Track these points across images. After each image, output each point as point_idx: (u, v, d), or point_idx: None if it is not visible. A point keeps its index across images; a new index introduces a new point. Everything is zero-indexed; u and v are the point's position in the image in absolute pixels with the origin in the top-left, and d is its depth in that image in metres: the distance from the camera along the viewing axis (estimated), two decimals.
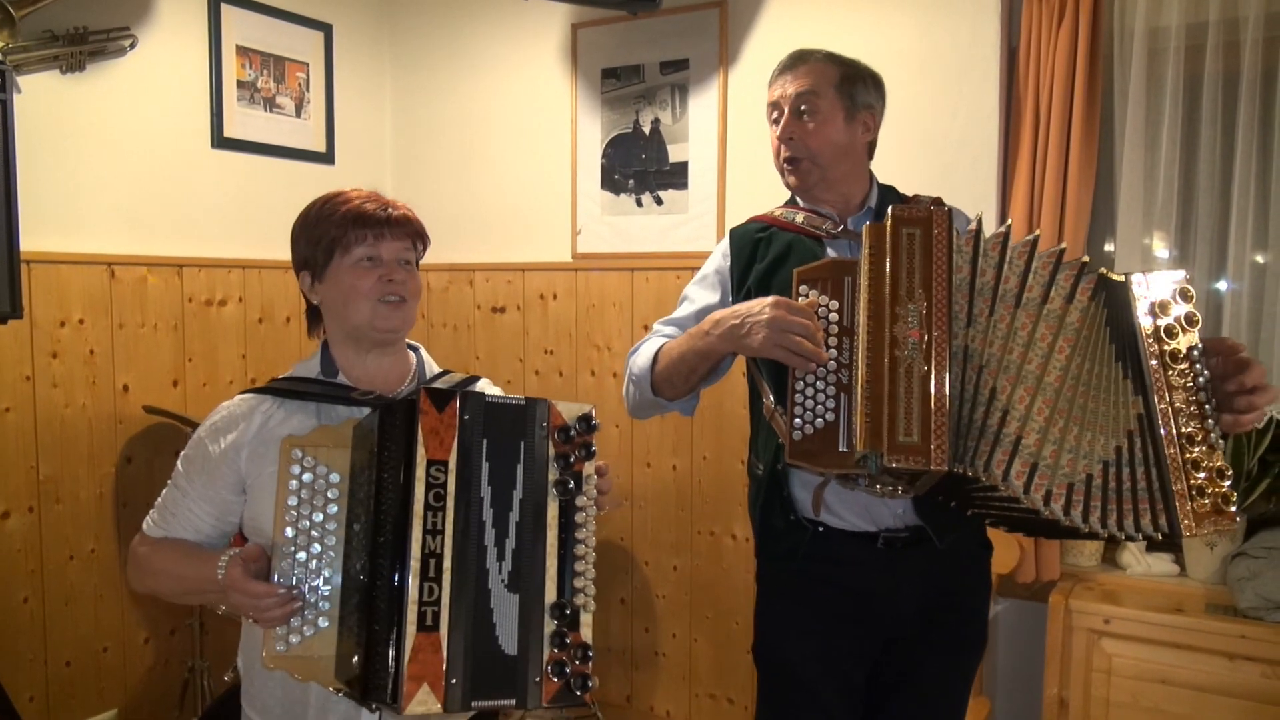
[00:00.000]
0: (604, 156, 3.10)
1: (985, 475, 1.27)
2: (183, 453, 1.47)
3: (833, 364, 1.38)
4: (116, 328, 2.70)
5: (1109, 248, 2.55)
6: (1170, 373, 1.32)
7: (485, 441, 1.22)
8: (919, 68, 2.61)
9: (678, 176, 2.99)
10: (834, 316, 1.41)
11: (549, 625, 1.21)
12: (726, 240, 1.79)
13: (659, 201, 3.02)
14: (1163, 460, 1.29)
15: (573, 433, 1.28)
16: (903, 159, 2.63)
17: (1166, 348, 1.32)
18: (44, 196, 2.55)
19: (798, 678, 1.69)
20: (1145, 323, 1.34)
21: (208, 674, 2.74)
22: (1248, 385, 1.32)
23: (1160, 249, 2.42)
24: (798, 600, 1.70)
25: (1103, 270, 1.36)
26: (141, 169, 2.78)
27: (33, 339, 2.52)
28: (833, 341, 1.40)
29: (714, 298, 1.75)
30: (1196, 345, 1.33)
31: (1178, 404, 1.31)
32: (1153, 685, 2.23)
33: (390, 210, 1.45)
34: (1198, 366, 1.32)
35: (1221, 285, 2.37)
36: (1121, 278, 1.37)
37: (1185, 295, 1.34)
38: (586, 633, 1.24)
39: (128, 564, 1.48)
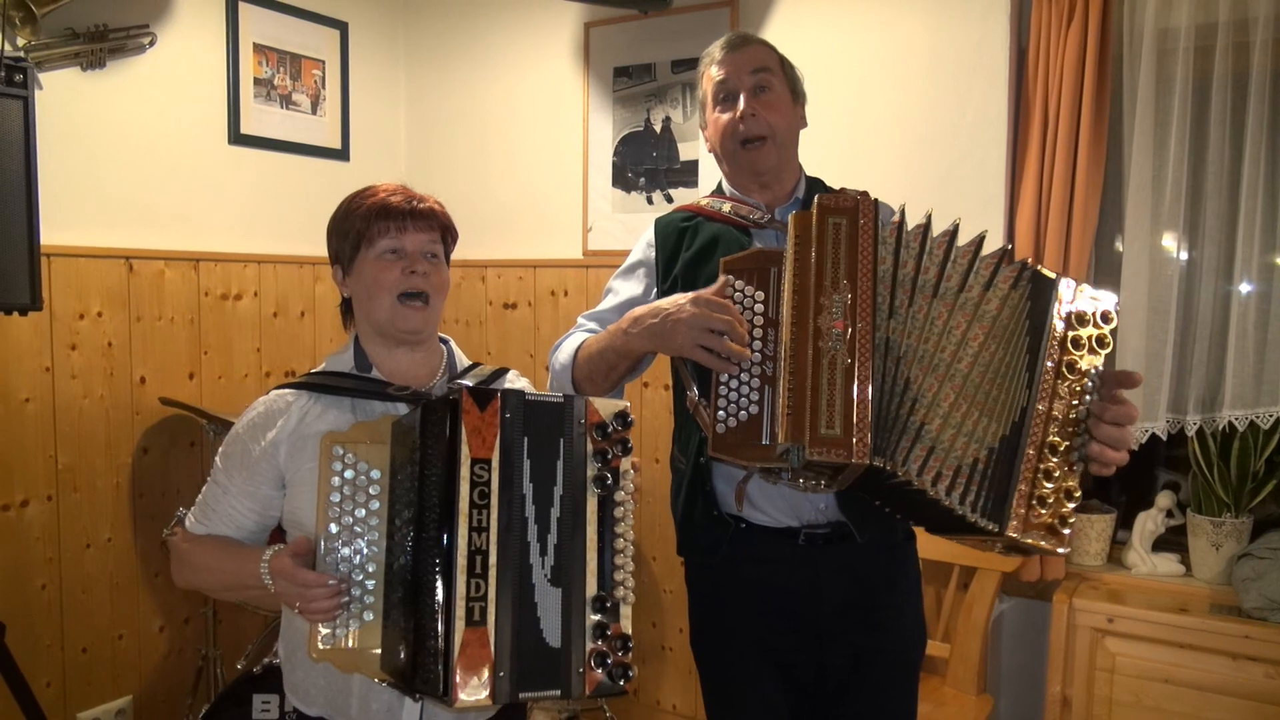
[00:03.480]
0: (615, 154, 3.13)
1: (899, 468, 1.27)
2: (221, 450, 1.49)
3: (758, 355, 1.36)
4: (134, 320, 2.75)
5: (1118, 247, 2.55)
6: (1061, 382, 1.31)
7: (526, 439, 1.24)
8: (928, 67, 2.62)
9: (688, 175, 3.01)
10: (759, 308, 1.38)
11: (591, 618, 1.23)
12: (651, 230, 1.75)
13: (669, 199, 3.04)
14: (1018, 456, 1.29)
15: (610, 429, 1.29)
16: (910, 158, 2.65)
17: (1067, 357, 1.32)
18: (64, 191, 2.59)
19: (737, 676, 1.67)
20: (1057, 326, 1.33)
21: (220, 662, 2.78)
22: (1105, 418, 1.31)
23: (1168, 250, 2.42)
24: (725, 601, 1.68)
25: (1040, 268, 1.36)
26: (159, 164, 2.83)
27: (52, 331, 2.57)
28: (758, 333, 1.37)
29: (638, 290, 1.72)
30: (1096, 369, 1.32)
31: (1055, 412, 1.30)
32: (1156, 684, 2.24)
33: (415, 203, 1.46)
34: (1089, 386, 1.32)
35: (1229, 286, 2.37)
36: (1053, 275, 1.36)
37: (1105, 318, 1.34)
38: (627, 624, 1.25)
39: (171, 560, 1.51)
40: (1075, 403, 1.30)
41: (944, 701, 2.46)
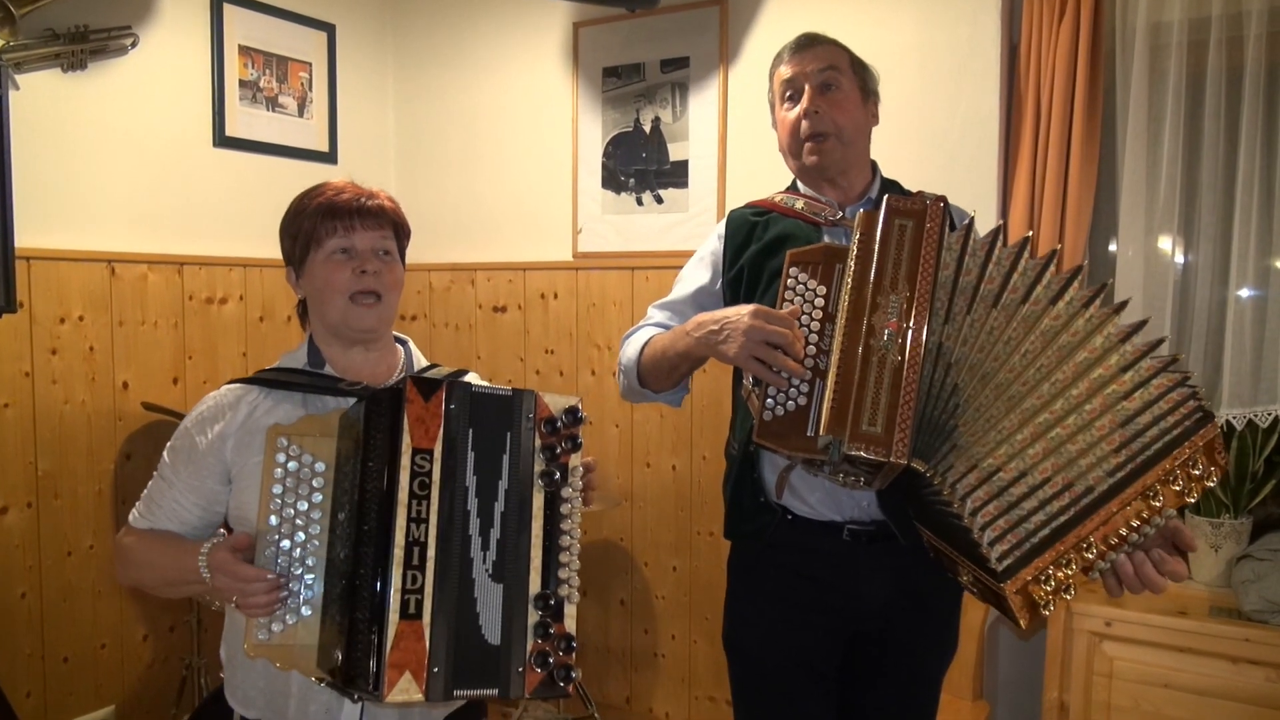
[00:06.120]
0: (605, 155, 3.10)
1: (937, 475, 1.26)
2: (169, 444, 1.46)
3: (812, 349, 1.37)
4: (116, 325, 2.71)
5: (1112, 247, 2.52)
6: (1151, 499, 1.22)
7: (471, 431, 1.21)
8: (919, 64, 2.59)
9: (678, 175, 2.97)
10: (820, 301, 1.40)
11: (533, 616, 1.20)
12: (724, 222, 1.78)
13: (659, 200, 3.01)
14: (1067, 532, 1.22)
15: (559, 424, 1.27)
16: (902, 156, 2.61)
17: (1187, 485, 1.23)
18: (45, 194, 2.56)
19: (766, 667, 1.69)
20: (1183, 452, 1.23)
21: (205, 671, 2.74)
22: (1164, 568, 1.25)
23: (1163, 246, 2.39)
24: (765, 591, 1.69)
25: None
26: (143, 167, 2.80)
27: (32, 335, 2.53)
28: (815, 326, 1.38)
29: (705, 278, 1.75)
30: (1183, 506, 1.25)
31: (1122, 517, 1.23)
32: (1154, 689, 2.20)
33: (364, 200, 1.44)
34: (1158, 522, 1.24)
35: (1226, 283, 2.33)
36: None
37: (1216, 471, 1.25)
38: (570, 624, 1.22)
39: (114, 556, 1.48)
40: (1136, 523, 1.24)
41: (940, 707, 2.41)
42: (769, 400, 1.37)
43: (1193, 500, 1.25)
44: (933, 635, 1.72)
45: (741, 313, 1.41)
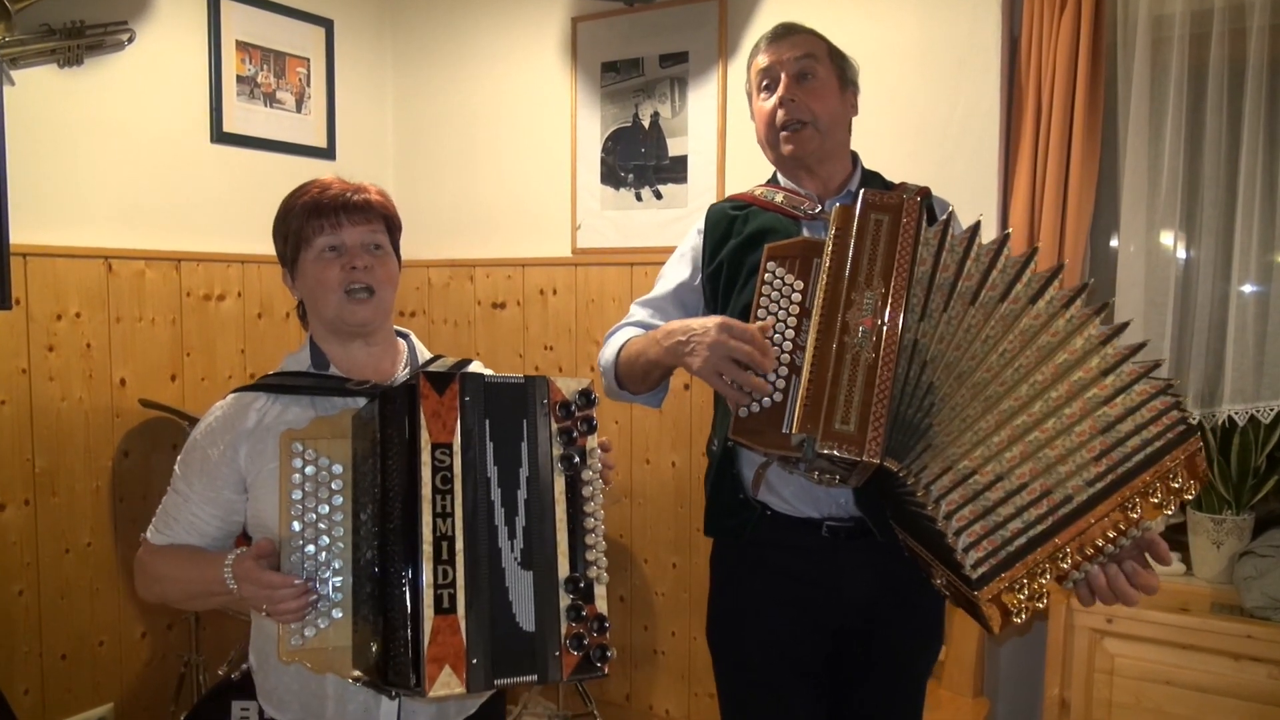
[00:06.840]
0: (604, 151, 3.08)
1: (910, 474, 1.25)
2: (180, 457, 1.45)
3: (789, 344, 1.36)
4: (114, 321, 2.70)
5: (1113, 243, 2.50)
6: (1129, 510, 1.20)
7: (488, 422, 1.23)
8: (919, 58, 2.58)
9: (677, 170, 2.96)
10: (796, 297, 1.38)
11: (564, 599, 1.21)
12: (703, 217, 1.77)
13: (658, 196, 3.00)
14: (1044, 542, 1.20)
15: (573, 408, 1.28)
16: (902, 151, 2.61)
17: (1172, 495, 1.21)
18: (42, 190, 2.55)
19: (751, 664, 1.68)
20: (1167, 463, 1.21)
21: (203, 668, 2.73)
22: (1137, 581, 1.23)
23: (1165, 242, 2.37)
24: (746, 587, 1.69)
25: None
26: (140, 163, 2.78)
27: (29, 332, 2.52)
28: (791, 322, 1.37)
29: (685, 274, 1.74)
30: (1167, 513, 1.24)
31: (1098, 529, 1.21)
32: (1156, 686, 2.19)
33: (350, 195, 1.42)
34: (1134, 534, 1.22)
35: (1228, 279, 2.32)
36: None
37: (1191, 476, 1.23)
38: (601, 604, 1.23)
39: (134, 574, 1.48)
40: (1112, 534, 1.21)
41: (940, 705, 2.41)
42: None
43: (1170, 513, 1.23)
44: (917, 630, 1.71)
45: (708, 325, 1.40)
